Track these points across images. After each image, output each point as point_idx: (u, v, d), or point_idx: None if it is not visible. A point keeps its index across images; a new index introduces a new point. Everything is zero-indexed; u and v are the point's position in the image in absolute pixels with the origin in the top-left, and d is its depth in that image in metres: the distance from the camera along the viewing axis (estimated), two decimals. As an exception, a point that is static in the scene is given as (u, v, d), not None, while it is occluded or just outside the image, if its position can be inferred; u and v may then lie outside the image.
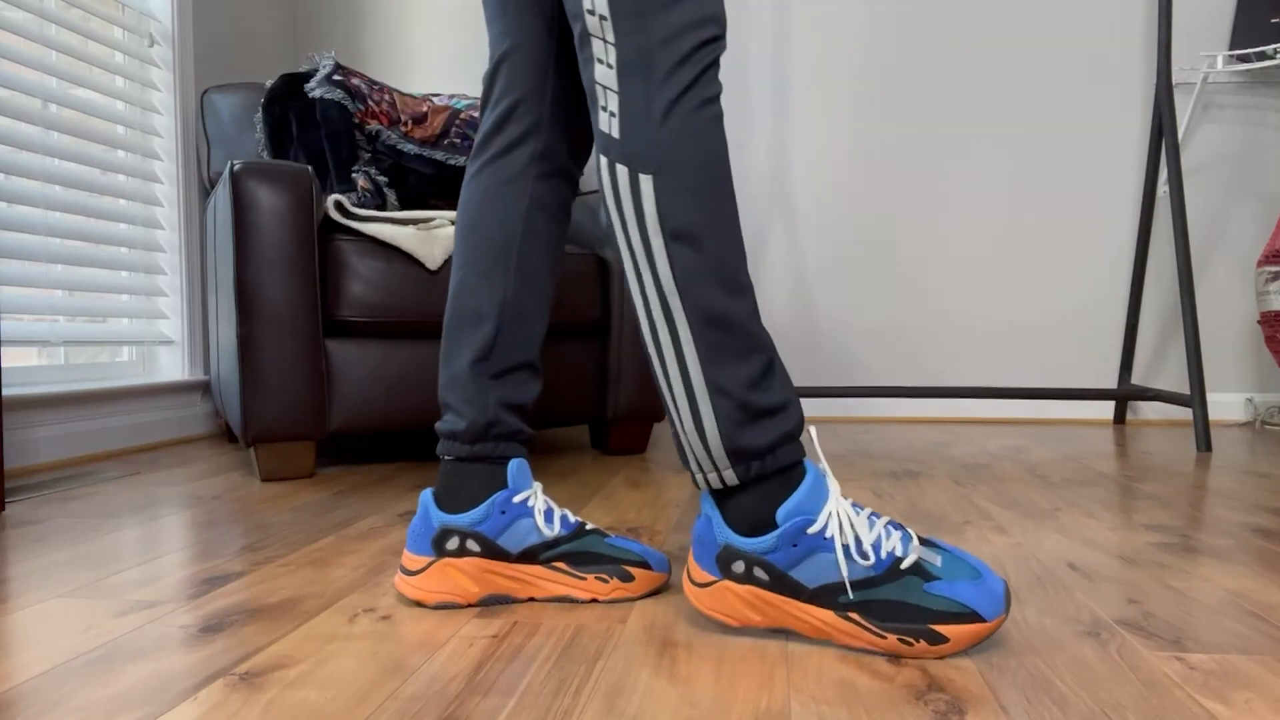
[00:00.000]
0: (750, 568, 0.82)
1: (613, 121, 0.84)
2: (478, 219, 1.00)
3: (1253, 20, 2.54)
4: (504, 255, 0.99)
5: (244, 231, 1.63)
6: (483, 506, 0.94)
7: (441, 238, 1.82)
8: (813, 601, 0.82)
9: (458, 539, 0.93)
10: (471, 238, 1.00)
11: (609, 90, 0.84)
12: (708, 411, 0.84)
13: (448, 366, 0.99)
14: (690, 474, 0.87)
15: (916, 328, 2.79)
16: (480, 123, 1.04)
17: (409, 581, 0.94)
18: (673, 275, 0.83)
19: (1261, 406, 2.68)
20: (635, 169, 0.83)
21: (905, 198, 2.77)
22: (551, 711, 0.67)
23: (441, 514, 0.95)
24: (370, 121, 1.92)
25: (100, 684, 0.73)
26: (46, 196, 1.89)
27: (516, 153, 1.01)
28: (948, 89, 2.75)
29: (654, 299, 0.84)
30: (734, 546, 0.83)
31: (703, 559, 0.86)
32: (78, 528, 1.29)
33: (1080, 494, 1.56)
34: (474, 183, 1.02)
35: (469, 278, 0.99)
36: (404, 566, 0.95)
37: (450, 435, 0.97)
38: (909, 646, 0.79)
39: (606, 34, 0.84)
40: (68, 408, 1.91)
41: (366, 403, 1.76)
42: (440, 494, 0.97)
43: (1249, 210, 2.67)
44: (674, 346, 0.84)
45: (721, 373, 0.83)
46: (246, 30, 2.63)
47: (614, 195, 0.85)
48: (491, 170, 1.01)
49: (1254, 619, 0.89)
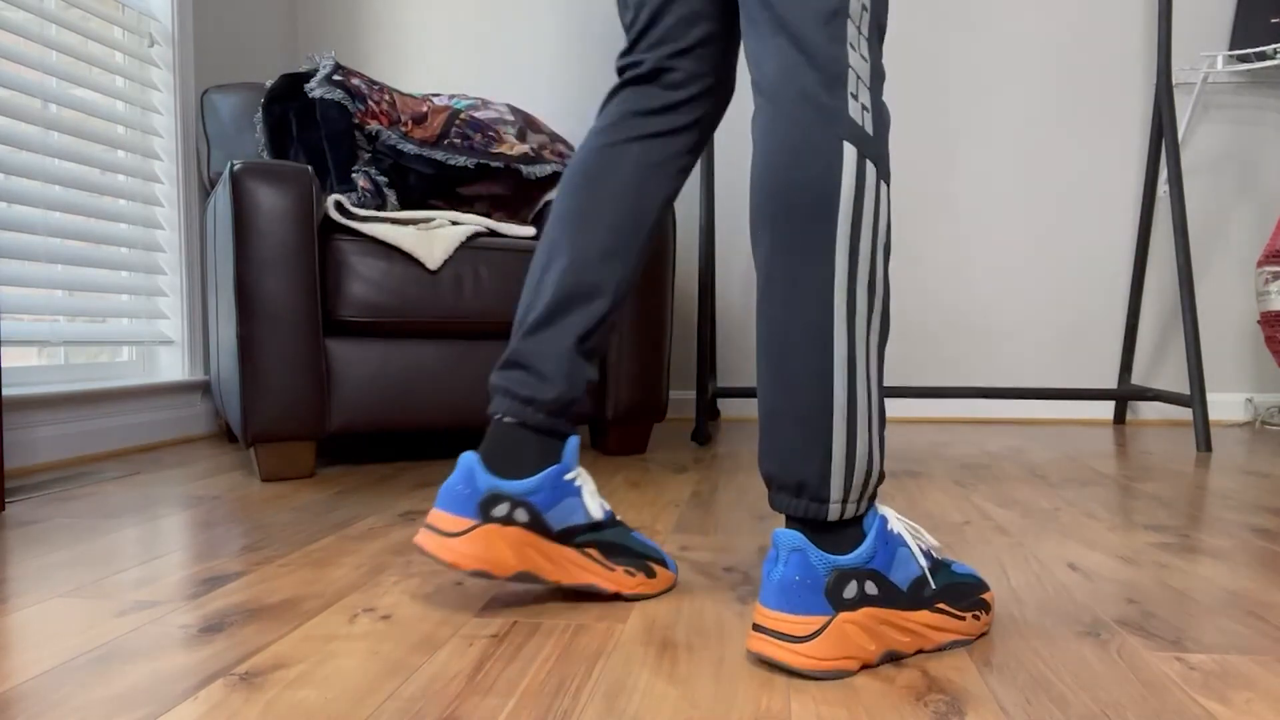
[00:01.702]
0: (862, 585, 0.76)
1: (865, 116, 0.79)
2: (618, 194, 0.96)
3: (1253, 20, 2.54)
4: (636, 238, 0.97)
5: (244, 231, 1.63)
6: (540, 477, 0.90)
7: (441, 237, 1.82)
8: (912, 606, 0.78)
9: (507, 506, 0.88)
10: (603, 209, 0.95)
11: (862, 82, 0.79)
12: (878, 436, 0.79)
13: (543, 333, 0.94)
14: (821, 506, 0.77)
15: (916, 328, 2.79)
16: (638, 87, 0.98)
17: (446, 544, 0.87)
18: (886, 290, 0.80)
19: (1261, 406, 2.67)
20: (879, 173, 0.79)
21: (905, 199, 2.77)
22: (551, 711, 0.67)
23: (492, 477, 0.89)
24: (370, 121, 1.92)
25: (100, 684, 0.73)
26: (46, 196, 1.89)
27: (679, 139, 0.98)
28: (947, 89, 2.75)
29: (874, 311, 0.78)
30: (845, 568, 0.75)
31: (804, 603, 0.74)
32: (78, 528, 1.29)
33: (1080, 494, 1.56)
34: (620, 151, 0.96)
35: (591, 253, 0.95)
36: (437, 526, 0.88)
37: (528, 400, 0.92)
38: (979, 620, 0.83)
39: (863, 26, 0.80)
40: (68, 408, 1.91)
41: (366, 403, 1.76)
42: (489, 457, 0.91)
43: (1249, 210, 2.67)
44: (877, 362, 0.79)
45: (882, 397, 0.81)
46: (246, 30, 2.63)
47: (857, 191, 0.77)
48: (645, 147, 0.97)
49: (1254, 619, 0.89)
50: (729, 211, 2.82)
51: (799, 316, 0.77)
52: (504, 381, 0.95)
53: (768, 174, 0.80)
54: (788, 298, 0.78)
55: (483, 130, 2.05)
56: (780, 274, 0.78)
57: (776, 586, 0.75)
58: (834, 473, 0.77)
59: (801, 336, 0.77)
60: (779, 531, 0.76)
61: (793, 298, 0.77)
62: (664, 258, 2.03)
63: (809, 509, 0.77)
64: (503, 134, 2.10)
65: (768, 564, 0.77)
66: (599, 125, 1.00)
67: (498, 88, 2.90)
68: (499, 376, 0.95)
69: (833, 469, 0.77)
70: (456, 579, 1.03)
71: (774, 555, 0.76)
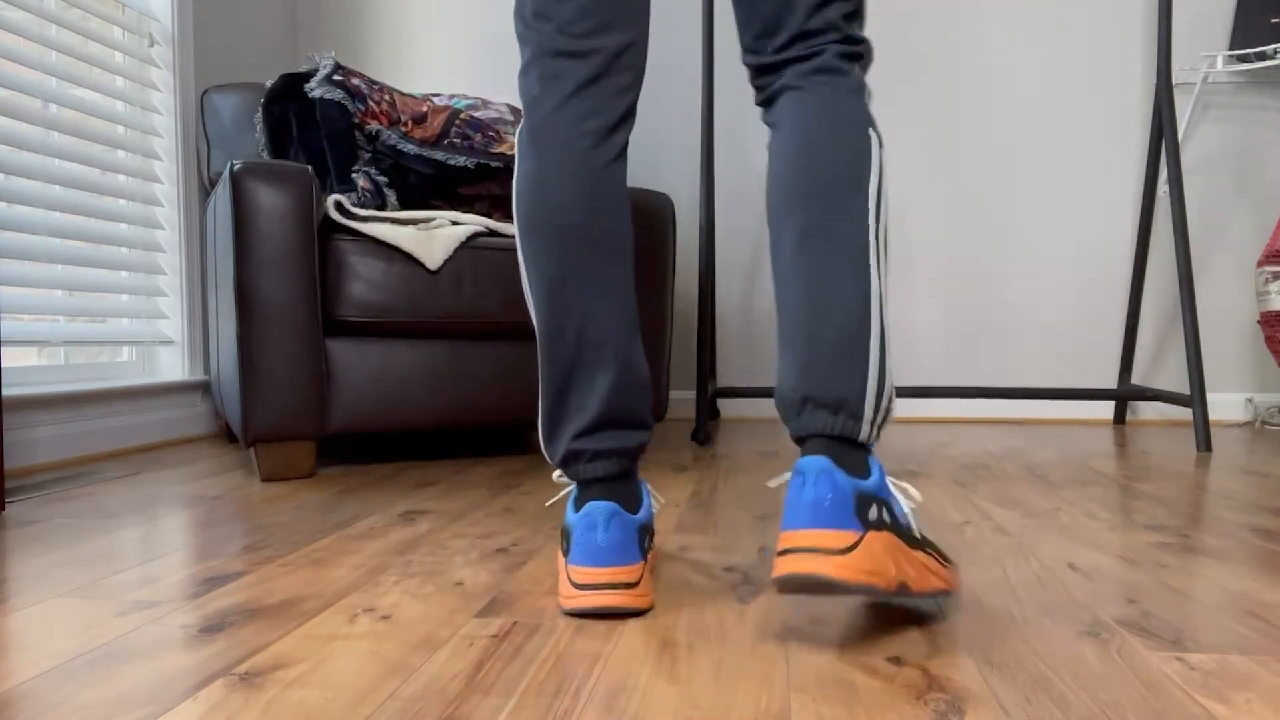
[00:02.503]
0: (880, 510, 0.79)
1: (868, 95, 0.94)
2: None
3: (1253, 20, 2.54)
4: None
5: (244, 231, 1.63)
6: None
7: (441, 237, 1.82)
8: (910, 544, 0.81)
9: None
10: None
11: (861, 64, 0.95)
12: (891, 356, 0.88)
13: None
14: (857, 424, 0.83)
15: (916, 328, 2.79)
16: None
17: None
18: (887, 239, 0.93)
19: (1261, 406, 2.67)
20: (881, 142, 0.91)
21: (904, 199, 2.77)
22: (551, 711, 0.67)
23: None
24: (370, 121, 1.92)
25: (100, 684, 0.73)
26: (46, 196, 1.89)
27: None
28: (946, 89, 2.75)
29: (887, 259, 0.93)
30: (865, 491, 0.79)
31: (838, 519, 0.77)
32: (78, 528, 1.29)
33: (1080, 494, 1.56)
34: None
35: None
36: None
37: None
38: (953, 576, 0.88)
39: (861, 8, 0.95)
40: (68, 408, 1.91)
41: (366, 403, 1.76)
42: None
43: (1249, 210, 2.67)
44: (884, 283, 0.89)
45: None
46: (246, 30, 2.63)
47: (879, 166, 0.89)
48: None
49: (1254, 619, 0.89)
50: (729, 211, 2.82)
51: (840, 258, 0.86)
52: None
53: (806, 151, 0.89)
54: (825, 249, 0.86)
55: (483, 130, 2.05)
56: (820, 233, 0.87)
57: (810, 507, 0.78)
58: (869, 393, 0.83)
59: (845, 271, 0.85)
60: (805, 460, 0.80)
61: (831, 248, 0.86)
62: (664, 258, 2.03)
63: (845, 425, 0.83)
64: (503, 134, 2.10)
65: (793, 490, 0.80)
66: None
67: (498, 88, 2.90)
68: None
69: (868, 389, 0.83)
70: (457, 579, 1.03)
71: (800, 481, 0.79)
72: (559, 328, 0.93)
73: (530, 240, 0.94)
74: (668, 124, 2.84)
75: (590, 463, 0.93)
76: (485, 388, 1.87)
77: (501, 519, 1.35)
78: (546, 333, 0.94)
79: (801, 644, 0.82)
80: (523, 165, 0.95)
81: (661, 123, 2.84)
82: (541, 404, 0.96)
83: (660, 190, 2.68)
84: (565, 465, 0.95)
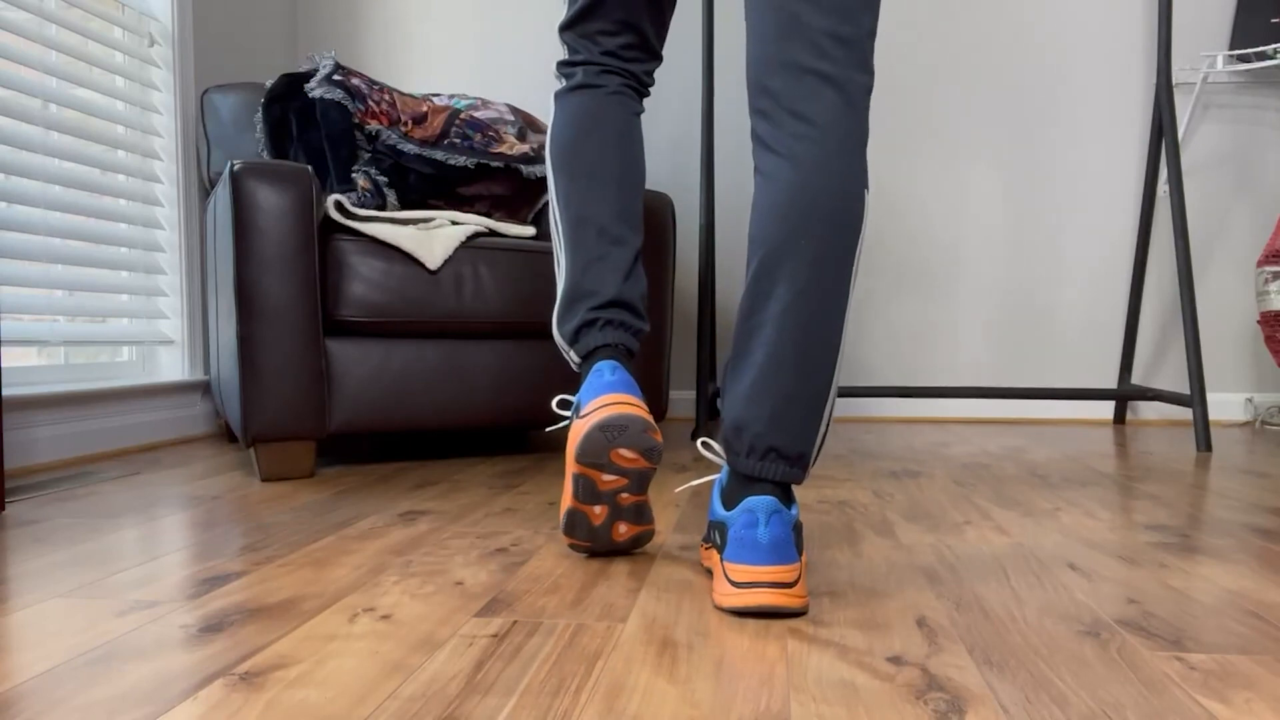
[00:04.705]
0: (800, 534, 0.93)
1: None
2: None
3: (1253, 20, 2.54)
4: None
5: (244, 231, 1.63)
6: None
7: (441, 237, 1.82)
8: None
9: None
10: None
11: None
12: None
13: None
14: (804, 472, 0.93)
15: (916, 328, 2.79)
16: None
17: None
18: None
19: (1261, 406, 2.68)
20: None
21: (904, 199, 2.77)
22: (551, 711, 0.67)
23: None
24: (370, 121, 1.92)
25: (100, 684, 0.73)
26: (46, 196, 1.89)
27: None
28: (947, 89, 2.75)
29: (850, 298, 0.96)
30: (796, 521, 0.93)
31: (788, 555, 0.89)
32: (78, 528, 1.29)
33: (1080, 494, 1.56)
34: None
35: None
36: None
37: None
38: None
39: None
40: (68, 408, 1.91)
41: (366, 403, 1.76)
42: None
43: (1249, 210, 2.67)
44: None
45: None
46: (246, 30, 2.63)
47: (865, 220, 0.96)
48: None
49: (1254, 619, 0.89)
50: (729, 211, 2.82)
51: (826, 323, 0.92)
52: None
53: (805, 198, 0.92)
54: (817, 310, 0.91)
55: (483, 130, 2.05)
56: (814, 287, 0.91)
57: (768, 546, 0.88)
58: (816, 444, 0.93)
59: (822, 338, 0.92)
60: (757, 499, 0.89)
61: (823, 309, 0.91)
62: (664, 258, 2.03)
63: (797, 474, 0.92)
64: (503, 134, 2.10)
65: (744, 528, 0.89)
66: None
67: (498, 88, 2.90)
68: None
69: (816, 441, 0.93)
70: (457, 579, 1.03)
71: (752, 519, 0.89)
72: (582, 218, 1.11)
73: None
74: (668, 124, 2.84)
75: (603, 330, 1.07)
76: (485, 388, 1.87)
77: (501, 519, 1.35)
78: (571, 224, 1.12)
79: (801, 644, 0.82)
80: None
81: (661, 123, 2.84)
82: (561, 290, 1.11)
83: (660, 190, 2.68)
84: (578, 336, 1.08)
